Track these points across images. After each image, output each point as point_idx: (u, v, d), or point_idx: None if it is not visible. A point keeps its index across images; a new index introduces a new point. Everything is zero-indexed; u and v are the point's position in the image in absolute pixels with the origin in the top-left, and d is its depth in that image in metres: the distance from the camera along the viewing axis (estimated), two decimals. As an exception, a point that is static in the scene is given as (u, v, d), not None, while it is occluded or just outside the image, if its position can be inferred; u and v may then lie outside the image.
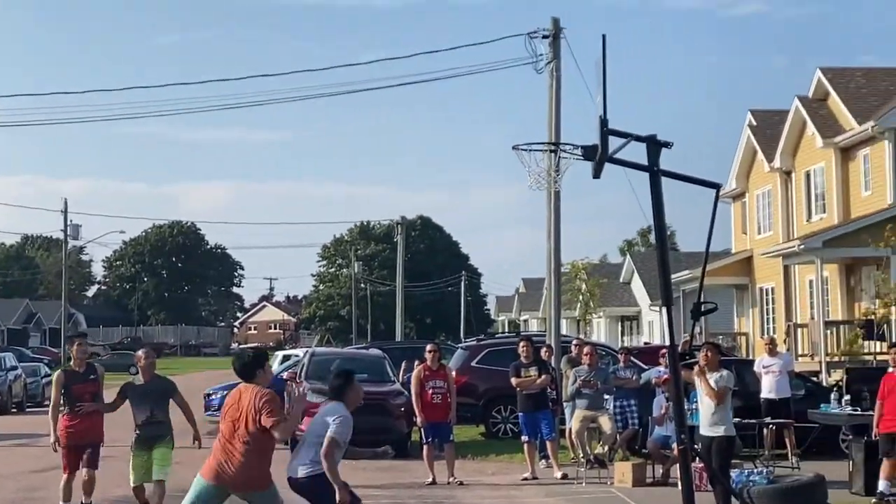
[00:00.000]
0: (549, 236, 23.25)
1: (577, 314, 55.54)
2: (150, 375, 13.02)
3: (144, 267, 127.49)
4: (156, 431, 12.71)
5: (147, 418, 12.72)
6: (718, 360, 12.92)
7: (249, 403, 8.94)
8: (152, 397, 12.84)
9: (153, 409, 12.71)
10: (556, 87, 23.21)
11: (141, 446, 12.79)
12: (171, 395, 12.98)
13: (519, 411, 17.84)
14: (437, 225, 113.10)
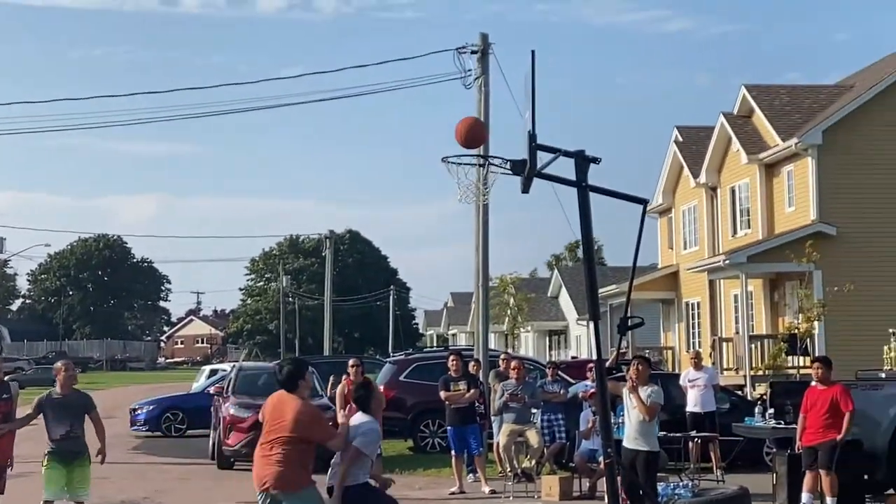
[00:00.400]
0: (478, 250, 23.32)
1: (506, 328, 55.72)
2: (69, 389, 12.65)
3: (70, 280, 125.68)
4: (73, 447, 12.38)
5: (66, 433, 12.36)
6: (649, 374, 12.99)
7: (295, 418, 9.21)
8: (71, 411, 12.47)
9: (73, 423, 12.37)
10: (484, 101, 23.34)
11: (57, 461, 12.43)
12: (88, 411, 12.64)
13: (447, 425, 17.84)
14: (366, 239, 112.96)
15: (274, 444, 9.24)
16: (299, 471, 9.23)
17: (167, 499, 17.08)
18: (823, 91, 34.55)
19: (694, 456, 18.27)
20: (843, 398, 13.96)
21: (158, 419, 29.30)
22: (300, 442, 9.20)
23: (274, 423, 9.32)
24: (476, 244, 23.32)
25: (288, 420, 9.20)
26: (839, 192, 29.90)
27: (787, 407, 15.85)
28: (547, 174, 10.19)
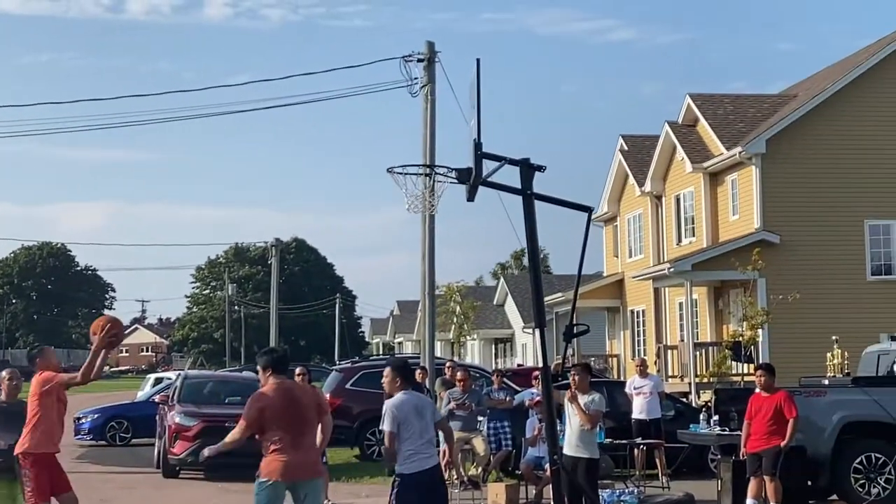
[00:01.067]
0: (424, 258, 23.29)
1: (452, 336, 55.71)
2: (14, 398, 12.27)
3: (13, 288, 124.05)
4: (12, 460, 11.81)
5: (12, 444, 11.82)
6: (588, 381, 13.01)
7: (311, 397, 9.80)
8: (18, 422, 12.21)
9: (17, 435, 12.11)
10: (430, 110, 23.31)
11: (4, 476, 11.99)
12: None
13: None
14: (312, 247, 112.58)
15: (308, 429, 9.58)
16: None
17: (110, 509, 16.89)
18: (767, 100, 34.94)
19: (639, 463, 18.37)
20: (787, 405, 14.09)
21: (103, 428, 28.99)
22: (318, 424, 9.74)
23: (297, 409, 9.51)
24: (422, 252, 23.29)
25: (316, 402, 9.72)
26: (783, 201, 30.22)
27: (732, 414, 15.98)
28: (492, 182, 10.22)
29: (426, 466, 9.63)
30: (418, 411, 9.70)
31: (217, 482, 20.07)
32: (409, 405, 9.67)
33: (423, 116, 23.43)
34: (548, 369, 10.10)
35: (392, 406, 9.72)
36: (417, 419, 9.65)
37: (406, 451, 9.65)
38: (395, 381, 9.92)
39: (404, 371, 10.01)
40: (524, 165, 10.02)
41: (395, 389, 9.90)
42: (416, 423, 9.60)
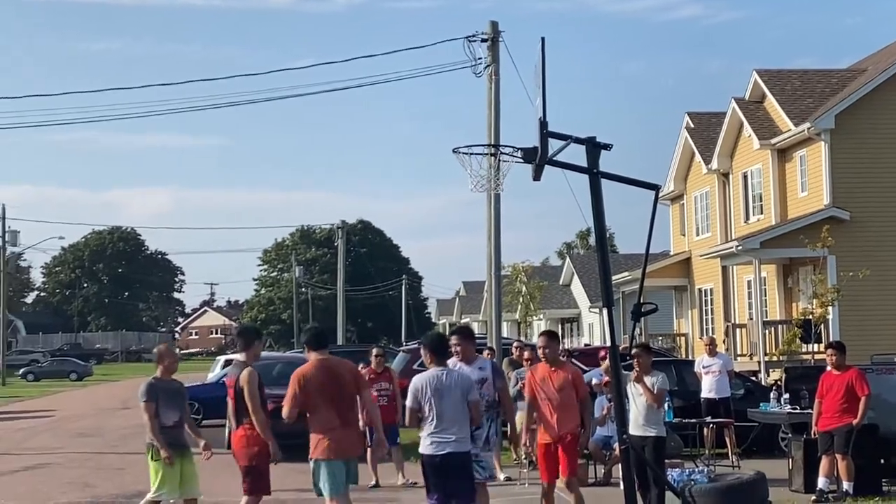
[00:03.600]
0: (490, 239, 23.31)
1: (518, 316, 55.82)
2: (170, 376, 11.87)
3: (84, 272, 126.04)
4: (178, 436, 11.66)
5: (179, 420, 11.67)
6: (650, 362, 12.98)
7: (351, 374, 9.91)
8: (178, 399, 11.76)
9: (179, 412, 11.66)
10: (494, 90, 23.28)
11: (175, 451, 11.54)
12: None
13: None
14: (378, 229, 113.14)
15: (352, 405, 9.84)
16: None
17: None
18: (835, 75, 34.42)
19: (709, 442, 18.28)
20: (859, 383, 13.98)
21: (174, 410, 29.37)
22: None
23: (338, 384, 9.70)
24: (488, 233, 23.31)
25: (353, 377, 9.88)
26: (852, 177, 29.82)
27: (803, 392, 15.87)
28: (558, 161, 10.20)
29: (440, 452, 9.53)
30: (442, 391, 9.57)
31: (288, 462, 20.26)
32: (433, 383, 9.59)
33: (487, 96, 23.42)
34: (616, 349, 10.08)
35: (414, 382, 9.69)
36: (438, 399, 9.52)
37: (424, 433, 9.68)
38: (427, 357, 9.92)
39: (434, 346, 9.93)
40: (590, 144, 9.99)
41: (430, 365, 9.90)
42: (435, 403, 9.50)
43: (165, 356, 11.76)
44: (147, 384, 11.48)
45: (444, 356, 9.96)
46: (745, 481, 12.95)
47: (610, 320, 10.01)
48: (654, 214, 10.28)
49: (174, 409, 11.45)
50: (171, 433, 11.32)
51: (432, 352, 9.79)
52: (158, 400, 11.33)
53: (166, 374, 11.64)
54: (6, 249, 71.98)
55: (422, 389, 9.58)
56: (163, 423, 11.28)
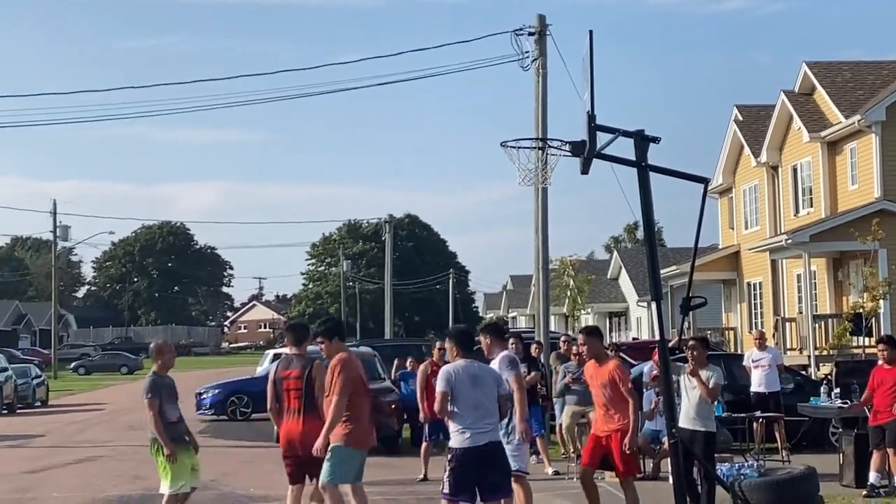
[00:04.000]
0: (537, 233, 23.29)
1: (566, 310, 55.66)
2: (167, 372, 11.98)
3: (134, 267, 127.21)
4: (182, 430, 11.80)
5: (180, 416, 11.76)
6: (706, 356, 12.89)
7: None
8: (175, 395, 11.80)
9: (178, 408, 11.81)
10: (542, 83, 23.26)
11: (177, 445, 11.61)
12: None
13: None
14: (425, 223, 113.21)
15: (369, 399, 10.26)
16: None
17: (234, 481, 17.31)
18: (887, 67, 34.04)
19: (759, 436, 18.17)
20: (910, 377, 13.85)
21: (224, 403, 29.61)
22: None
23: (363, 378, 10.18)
24: (535, 226, 23.30)
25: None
26: (904, 169, 29.50)
27: (854, 386, 15.73)
28: (606, 155, 10.18)
29: (480, 442, 9.38)
30: (474, 380, 9.53)
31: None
32: (465, 372, 9.54)
33: (534, 90, 23.41)
34: (665, 343, 10.05)
35: (446, 369, 9.57)
36: (472, 388, 9.46)
37: (458, 425, 9.44)
38: (453, 350, 9.78)
39: (462, 339, 9.83)
40: (638, 137, 9.96)
41: (454, 358, 9.77)
42: (469, 393, 9.45)
43: (164, 351, 11.78)
44: (151, 380, 11.47)
45: (470, 349, 9.89)
46: (795, 476, 12.86)
47: (659, 314, 9.98)
48: (703, 208, 10.22)
49: (175, 405, 11.53)
50: (175, 428, 11.40)
51: (459, 344, 9.70)
52: (161, 396, 11.34)
53: (163, 369, 11.64)
54: (58, 244, 72.81)
55: (455, 377, 9.48)
56: (168, 419, 11.35)
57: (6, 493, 16.01)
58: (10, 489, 16.37)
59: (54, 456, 21.59)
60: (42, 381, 43.80)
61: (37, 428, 28.60)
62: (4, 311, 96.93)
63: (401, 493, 15.18)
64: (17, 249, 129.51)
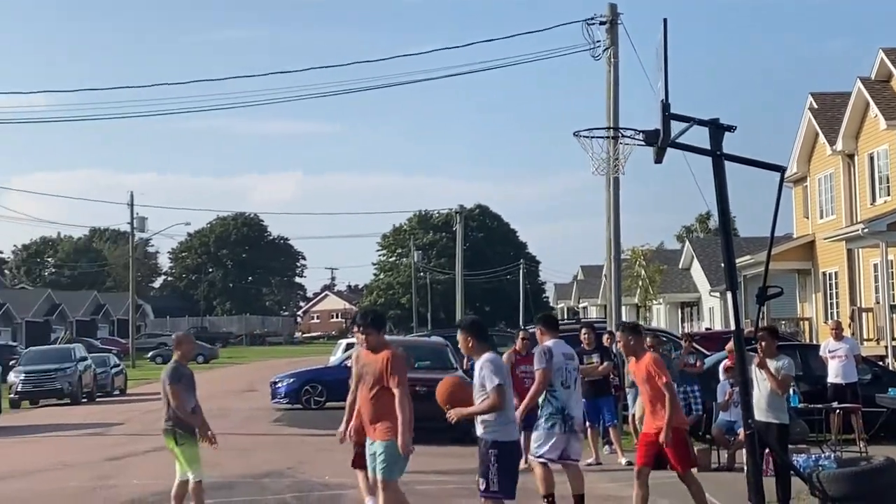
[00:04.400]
0: (609, 222, 23.24)
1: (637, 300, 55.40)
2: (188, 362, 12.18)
3: (210, 258, 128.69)
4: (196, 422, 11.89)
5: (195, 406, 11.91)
6: (775, 346, 12.77)
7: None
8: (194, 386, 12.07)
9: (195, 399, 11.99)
10: (613, 73, 23.18)
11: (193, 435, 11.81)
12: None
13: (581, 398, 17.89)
14: (495, 213, 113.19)
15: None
16: None
17: (309, 469, 17.49)
18: (967, 52, 33.39)
19: (836, 427, 17.98)
20: None
21: (298, 392, 29.85)
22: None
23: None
24: (607, 216, 23.24)
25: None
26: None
27: (932, 377, 15.52)
28: (681, 144, 10.15)
29: (518, 437, 9.47)
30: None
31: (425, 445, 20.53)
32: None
33: (606, 79, 23.34)
34: (741, 333, 10.00)
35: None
36: (572, 368, 9.53)
37: (506, 417, 9.30)
38: (467, 342, 9.49)
39: (478, 331, 9.64)
40: (713, 126, 9.91)
41: (470, 350, 9.49)
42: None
43: (184, 342, 12.06)
44: (173, 369, 11.74)
45: (557, 331, 10.41)
46: (875, 467, 12.72)
47: (735, 304, 9.93)
48: (779, 197, 10.15)
49: (193, 395, 11.78)
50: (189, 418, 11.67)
51: (476, 337, 9.64)
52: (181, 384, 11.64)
53: (184, 359, 11.91)
54: (135, 235, 73.92)
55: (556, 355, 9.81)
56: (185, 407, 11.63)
57: (88, 480, 16.34)
58: (92, 476, 16.70)
59: (133, 444, 21.98)
60: (120, 370, 44.59)
61: (116, 416, 29.12)
62: (83, 301, 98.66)
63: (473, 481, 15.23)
64: (95, 241, 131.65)
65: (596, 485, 15.16)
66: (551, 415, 11.55)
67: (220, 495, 14.45)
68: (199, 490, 11.63)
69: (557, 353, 11.57)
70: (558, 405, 11.53)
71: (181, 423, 11.53)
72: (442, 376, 22.12)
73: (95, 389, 39.13)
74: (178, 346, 11.96)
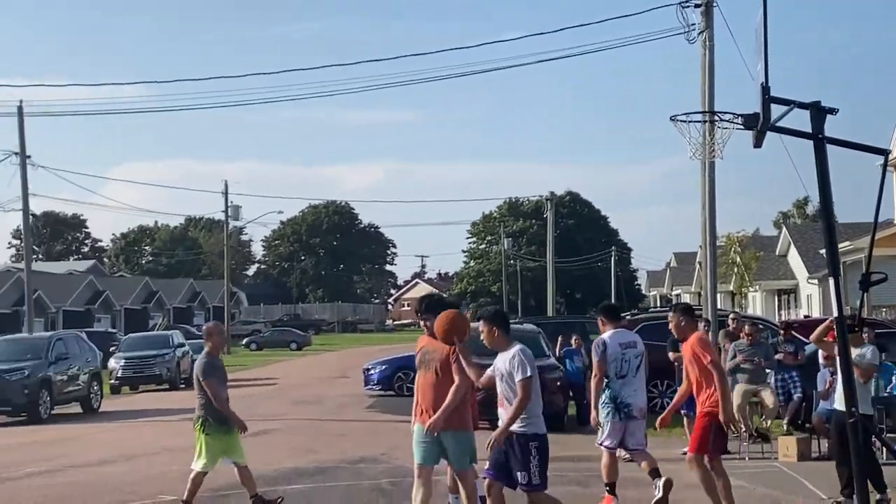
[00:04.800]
0: (704, 208, 22.92)
1: (733, 287, 54.67)
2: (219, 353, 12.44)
3: (302, 246, 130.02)
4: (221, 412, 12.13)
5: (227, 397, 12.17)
6: (861, 335, 12.49)
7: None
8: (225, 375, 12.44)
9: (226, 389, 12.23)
10: (709, 56, 22.84)
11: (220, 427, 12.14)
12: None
13: (677, 385, 17.70)
14: (586, 200, 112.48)
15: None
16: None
17: (402, 455, 17.51)
18: None
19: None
20: None
21: (391, 379, 30.00)
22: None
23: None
24: (702, 202, 22.92)
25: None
26: None
27: None
28: (781, 127, 9.92)
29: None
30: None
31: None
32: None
33: (700, 63, 23.00)
34: (843, 320, 9.76)
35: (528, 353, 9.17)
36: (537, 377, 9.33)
37: (538, 409, 9.13)
38: (492, 333, 9.27)
39: (503, 321, 9.49)
40: (815, 108, 9.67)
41: (495, 342, 9.26)
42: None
43: (214, 334, 12.27)
44: (206, 361, 12.02)
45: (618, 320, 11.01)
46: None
47: (837, 291, 9.69)
48: (883, 180, 9.90)
49: (224, 386, 12.02)
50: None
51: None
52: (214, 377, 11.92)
53: (215, 350, 12.17)
54: (229, 224, 74.95)
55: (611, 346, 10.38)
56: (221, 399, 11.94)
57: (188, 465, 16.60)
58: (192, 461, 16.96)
59: (230, 429, 22.24)
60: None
61: (212, 401, 29.54)
62: (180, 288, 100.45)
63: (569, 469, 15.18)
64: (190, 229, 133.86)
65: (688, 473, 14.98)
66: (605, 403, 11.76)
67: (316, 480, 14.60)
68: (200, 480, 12.01)
69: (613, 344, 11.67)
70: (612, 394, 11.70)
71: (214, 414, 11.86)
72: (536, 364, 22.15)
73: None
74: (209, 337, 12.19)
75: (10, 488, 14.76)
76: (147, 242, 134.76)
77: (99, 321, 76.40)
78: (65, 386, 27.81)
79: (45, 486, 14.72)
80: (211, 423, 11.85)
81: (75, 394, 28.40)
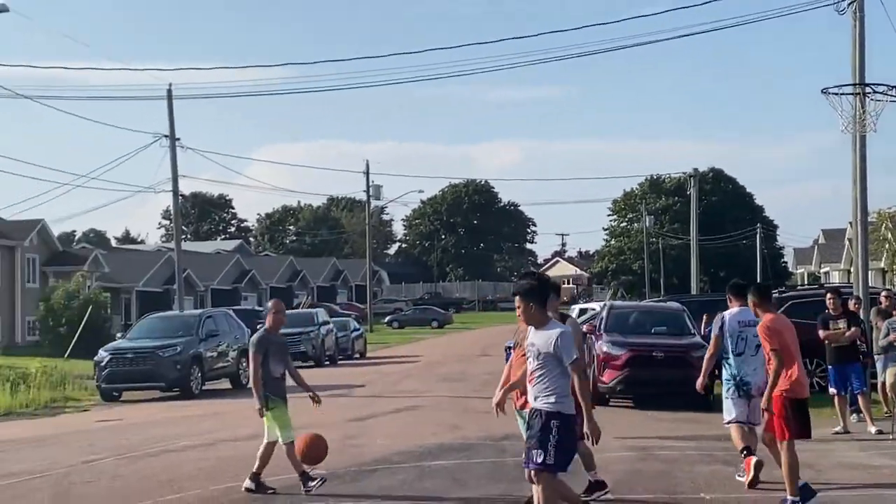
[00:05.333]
0: (855, 183, 22.33)
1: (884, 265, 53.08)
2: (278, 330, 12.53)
3: (442, 224, 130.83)
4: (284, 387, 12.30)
5: (283, 373, 12.29)
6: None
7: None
8: (285, 352, 12.52)
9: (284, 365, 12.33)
10: (859, 27, 22.18)
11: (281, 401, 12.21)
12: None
13: (828, 364, 17.35)
14: (730, 177, 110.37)
15: None
16: None
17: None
18: None
19: None
20: None
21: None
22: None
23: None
24: (853, 177, 22.31)
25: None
26: None
27: None
28: (939, 99, 9.63)
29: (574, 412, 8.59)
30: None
31: (646, 411, 20.43)
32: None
33: (851, 34, 22.35)
34: None
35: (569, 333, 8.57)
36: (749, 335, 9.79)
37: (568, 389, 8.51)
38: (529, 309, 8.52)
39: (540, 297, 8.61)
40: (975, 79, 9.38)
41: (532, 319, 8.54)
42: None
43: (272, 311, 12.38)
44: (259, 337, 12.15)
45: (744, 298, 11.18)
46: None
47: None
48: None
49: (281, 363, 12.13)
50: (276, 384, 12.06)
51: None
52: (268, 352, 12.01)
53: (275, 328, 12.29)
54: (371, 203, 75.88)
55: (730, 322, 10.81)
56: (272, 374, 12.03)
57: (336, 441, 16.85)
58: (340, 436, 17.26)
59: (375, 405, 22.63)
60: (360, 333, 45.97)
61: (357, 378, 30.07)
62: (323, 267, 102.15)
63: (714, 447, 15.04)
64: (333, 209, 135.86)
65: (845, 454, 14.70)
66: (726, 380, 12.07)
67: (462, 457, 14.74)
68: (292, 450, 12.02)
69: (732, 321, 11.90)
70: (732, 371, 11.97)
71: (272, 389, 11.99)
72: (679, 342, 21.91)
73: (337, 353, 40.49)
74: (269, 315, 12.39)
75: (169, 459, 15.29)
76: (291, 222, 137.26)
77: (245, 299, 78.22)
78: (215, 362, 28.62)
79: (199, 459, 15.19)
80: (272, 398, 12.06)
81: (225, 370, 29.20)
